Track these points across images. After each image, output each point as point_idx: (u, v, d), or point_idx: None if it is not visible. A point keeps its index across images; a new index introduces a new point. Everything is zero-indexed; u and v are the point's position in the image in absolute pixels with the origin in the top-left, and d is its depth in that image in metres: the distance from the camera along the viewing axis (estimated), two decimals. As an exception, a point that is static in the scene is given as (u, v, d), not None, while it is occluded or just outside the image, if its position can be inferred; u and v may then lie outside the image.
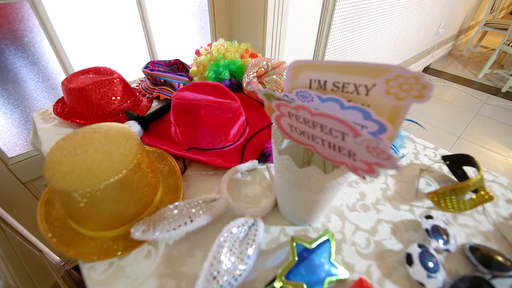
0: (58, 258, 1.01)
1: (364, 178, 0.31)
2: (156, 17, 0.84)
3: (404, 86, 0.28)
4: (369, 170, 0.27)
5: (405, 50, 2.08)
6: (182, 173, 0.49)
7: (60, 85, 0.67)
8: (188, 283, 0.34)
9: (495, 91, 2.44)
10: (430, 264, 0.35)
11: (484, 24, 2.88)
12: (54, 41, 0.68)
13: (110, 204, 0.35)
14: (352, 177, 0.49)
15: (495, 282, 0.35)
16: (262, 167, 0.51)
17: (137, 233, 0.36)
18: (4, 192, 0.75)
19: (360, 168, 0.28)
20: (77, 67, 0.75)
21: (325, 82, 0.32)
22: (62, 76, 0.75)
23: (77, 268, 1.04)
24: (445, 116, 2.10)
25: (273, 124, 0.35)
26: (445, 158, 0.52)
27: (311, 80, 0.33)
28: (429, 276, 0.34)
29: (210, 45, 0.76)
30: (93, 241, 0.37)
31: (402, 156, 0.55)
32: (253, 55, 0.79)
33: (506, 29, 2.47)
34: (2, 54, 0.64)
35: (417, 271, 0.34)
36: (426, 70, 2.80)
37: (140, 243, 0.37)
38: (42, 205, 0.41)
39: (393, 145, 0.54)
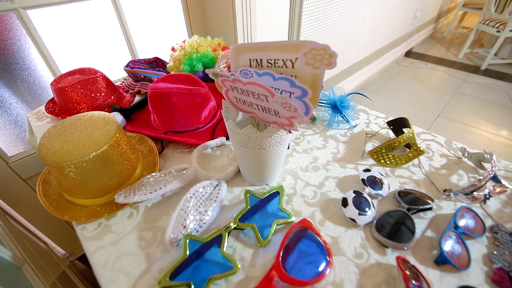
0: (63, 250, 1.08)
1: (290, 132, 0.38)
2: (134, 19, 0.91)
3: (317, 56, 0.36)
4: (289, 124, 0.35)
5: (383, 35, 2.15)
6: (160, 152, 0.57)
7: (50, 86, 0.74)
8: (162, 234, 0.41)
9: (475, 70, 2.52)
10: (362, 205, 0.42)
11: (463, 5, 2.96)
12: (41, 47, 0.75)
13: (95, 175, 0.42)
14: (307, 145, 0.57)
15: (416, 215, 0.43)
16: (229, 142, 0.58)
17: (120, 198, 0.43)
18: (6, 189, 0.82)
19: (284, 124, 0.35)
20: (64, 69, 0.82)
21: (261, 60, 0.39)
22: (50, 79, 0.82)
23: (80, 259, 1.11)
24: (426, 97, 2.18)
25: (224, 99, 0.42)
26: (389, 124, 0.59)
27: (250, 60, 0.40)
28: (360, 214, 0.41)
29: (184, 41, 0.83)
30: (84, 208, 0.45)
31: (355, 126, 0.63)
32: (225, 49, 0.86)
33: (481, 9, 2.54)
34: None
35: (350, 211, 0.41)
36: (409, 54, 2.88)
37: (123, 205, 0.44)
38: (40, 184, 0.48)
39: (345, 116, 0.62)
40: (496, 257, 0.37)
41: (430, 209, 0.43)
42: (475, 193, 0.44)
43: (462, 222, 0.40)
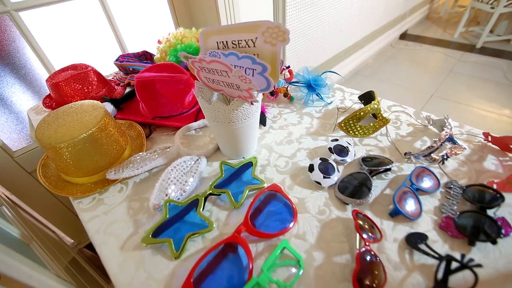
0: (71, 240, 1.15)
1: (252, 104, 0.42)
2: (121, 15, 0.95)
3: (273, 34, 0.40)
4: (250, 96, 0.39)
5: (375, 19, 2.15)
6: (148, 136, 0.62)
7: (45, 83, 0.79)
8: (148, 203, 0.46)
9: (471, 48, 2.50)
10: (327, 170, 0.47)
11: (458, -17, 2.91)
12: (35, 46, 0.80)
13: (87, 155, 0.47)
14: (283, 122, 0.61)
15: (378, 177, 0.47)
16: (212, 124, 0.63)
17: (111, 174, 0.48)
18: (13, 182, 0.88)
19: (246, 96, 0.40)
20: (57, 66, 0.87)
21: (226, 42, 0.43)
22: (46, 76, 0.87)
23: (88, 247, 1.18)
24: (421, 78, 2.18)
25: (197, 80, 0.47)
26: (360, 98, 0.63)
27: (217, 42, 0.44)
28: (324, 177, 0.46)
29: (169, 34, 0.87)
30: (80, 186, 0.50)
31: (330, 103, 0.67)
32: (209, 38, 0.89)
33: (476, -15, 2.51)
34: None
35: (315, 175, 0.46)
36: (404, 36, 2.86)
37: (114, 181, 0.49)
38: (40, 167, 0.54)
39: (319, 94, 0.66)
40: (445, 208, 0.41)
41: (389, 169, 0.47)
42: (433, 154, 0.48)
43: (417, 180, 0.44)
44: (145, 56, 0.91)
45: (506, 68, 2.17)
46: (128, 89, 0.82)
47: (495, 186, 0.42)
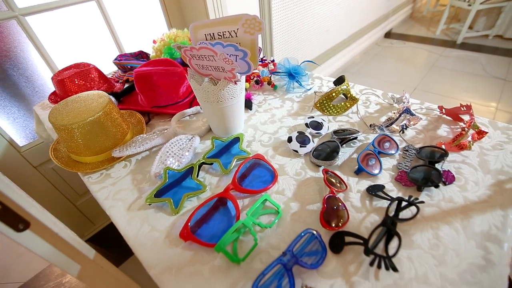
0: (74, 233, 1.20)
1: (235, 83, 0.49)
2: (118, 18, 1.03)
3: (251, 25, 0.47)
4: (233, 76, 0.46)
5: (359, 18, 2.26)
6: (147, 123, 0.69)
7: (50, 81, 0.86)
8: (150, 174, 0.53)
9: (452, 44, 2.63)
10: (303, 141, 0.54)
11: (438, -17, 3.05)
12: (40, 48, 0.87)
13: (95, 135, 0.54)
14: (267, 107, 0.69)
15: (347, 145, 0.55)
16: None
17: (116, 152, 0.55)
18: (20, 176, 0.94)
19: (229, 77, 0.47)
20: (60, 67, 0.94)
21: (213, 33, 0.51)
22: (49, 75, 0.94)
23: (90, 240, 1.24)
24: (405, 73, 2.29)
25: (189, 69, 0.54)
26: (334, 83, 0.71)
27: (205, 34, 0.52)
28: (301, 146, 0.53)
29: (163, 34, 0.94)
30: (88, 164, 0.57)
31: (309, 89, 0.75)
32: (200, 37, 0.97)
33: (454, -15, 2.64)
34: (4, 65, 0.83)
35: (293, 144, 0.53)
36: (389, 35, 2.98)
37: (118, 159, 0.56)
38: (52, 151, 0.60)
39: (299, 81, 0.74)
40: (401, 165, 0.49)
41: (356, 138, 0.55)
42: (393, 125, 0.56)
43: (379, 144, 0.52)
44: (141, 55, 0.99)
45: (485, 61, 2.29)
46: (126, 85, 0.89)
47: (443, 147, 0.50)
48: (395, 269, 0.33)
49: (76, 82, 0.78)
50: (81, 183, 1.14)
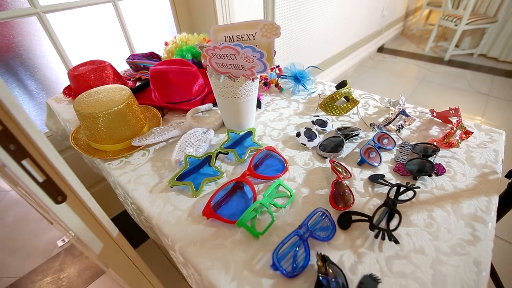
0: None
1: (253, 80, 0.55)
2: (132, 21, 1.08)
3: (269, 30, 0.53)
4: (252, 74, 0.52)
5: (354, 33, 2.38)
6: (162, 117, 0.73)
7: (64, 77, 0.89)
8: (169, 162, 0.57)
9: (440, 61, 2.78)
10: (311, 135, 0.59)
11: (427, 4, 3.26)
12: (57, 45, 0.91)
13: (117, 124, 0.58)
14: (275, 106, 0.74)
15: (349, 141, 0.60)
16: (216, 108, 0.75)
17: (135, 142, 0.59)
18: (28, 168, 0.95)
19: (248, 74, 0.52)
20: (74, 63, 0.97)
21: (232, 36, 0.56)
22: (62, 72, 0.97)
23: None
24: (396, 86, 2.41)
25: (208, 67, 0.59)
26: (336, 87, 0.77)
27: (225, 37, 0.57)
28: (309, 140, 0.58)
29: (175, 37, 1.00)
30: (108, 152, 0.60)
31: (313, 92, 0.81)
32: (209, 42, 1.03)
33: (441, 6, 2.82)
34: (18, 61, 0.86)
35: (301, 139, 0.58)
36: (381, 49, 3.13)
37: (137, 148, 0.60)
38: (72, 139, 0.64)
39: (304, 85, 0.80)
40: (398, 158, 0.55)
41: (358, 134, 0.60)
42: (391, 125, 0.62)
43: (378, 140, 0.58)
44: (152, 56, 1.03)
45: (470, 77, 2.43)
46: (138, 83, 0.93)
47: (435, 143, 0.57)
48: (396, 241, 0.38)
49: (92, 77, 0.81)
50: (89, 176, 1.15)
